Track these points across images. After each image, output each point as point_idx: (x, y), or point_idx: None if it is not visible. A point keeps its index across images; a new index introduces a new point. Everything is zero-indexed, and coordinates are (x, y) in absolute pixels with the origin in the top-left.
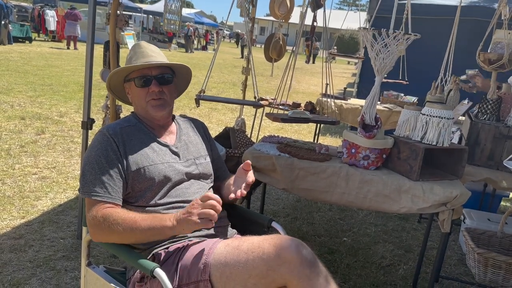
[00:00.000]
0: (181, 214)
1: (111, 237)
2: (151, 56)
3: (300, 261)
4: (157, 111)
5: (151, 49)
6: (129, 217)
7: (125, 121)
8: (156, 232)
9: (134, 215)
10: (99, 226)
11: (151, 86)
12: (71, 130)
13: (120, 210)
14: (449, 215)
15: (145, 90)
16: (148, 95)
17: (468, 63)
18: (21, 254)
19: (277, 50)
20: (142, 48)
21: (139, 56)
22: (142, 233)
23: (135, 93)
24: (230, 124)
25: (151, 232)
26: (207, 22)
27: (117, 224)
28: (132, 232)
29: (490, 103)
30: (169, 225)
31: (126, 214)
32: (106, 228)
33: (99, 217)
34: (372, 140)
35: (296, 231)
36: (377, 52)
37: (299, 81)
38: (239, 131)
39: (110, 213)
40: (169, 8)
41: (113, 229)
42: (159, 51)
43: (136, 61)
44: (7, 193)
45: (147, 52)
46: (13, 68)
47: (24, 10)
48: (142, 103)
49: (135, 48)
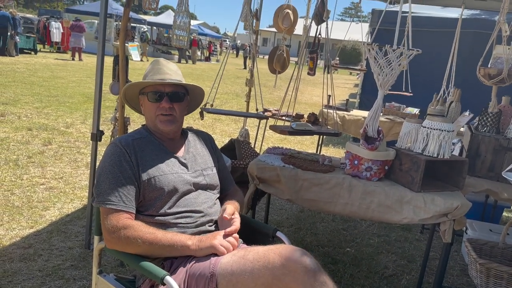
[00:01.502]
0: (204, 241)
1: (128, 247)
2: (166, 73)
3: (305, 270)
4: (165, 126)
5: (169, 67)
6: (149, 231)
7: (137, 133)
8: (174, 249)
9: (154, 231)
10: (118, 235)
11: (162, 102)
12: (77, 141)
13: (140, 223)
14: (450, 225)
15: (156, 105)
16: (159, 109)
17: (470, 75)
18: (31, 263)
19: (281, 62)
20: (160, 65)
21: (155, 72)
22: (161, 249)
23: (147, 106)
24: (234, 135)
25: (170, 248)
26: (210, 34)
27: (137, 237)
28: (151, 246)
29: (490, 115)
30: (191, 248)
31: (147, 228)
32: (124, 238)
33: (120, 226)
34: (374, 152)
35: (300, 242)
36: (381, 67)
37: (301, 91)
38: (244, 143)
39: (131, 225)
40: (178, 24)
41: (132, 240)
42: (176, 69)
43: (152, 77)
44: (16, 203)
45: (163, 70)
46: (19, 79)
47: (30, 22)
48: (152, 116)
49: (154, 64)
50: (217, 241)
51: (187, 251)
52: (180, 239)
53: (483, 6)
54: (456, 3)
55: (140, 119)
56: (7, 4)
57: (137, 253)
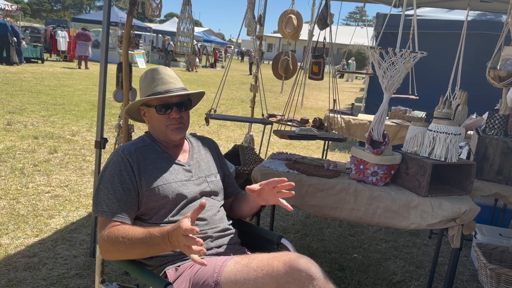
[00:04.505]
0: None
1: (117, 254)
2: (170, 82)
3: (310, 278)
4: (177, 134)
5: (170, 75)
6: (131, 232)
7: (140, 141)
8: (150, 240)
9: (134, 230)
10: (106, 244)
11: (172, 113)
12: (83, 149)
13: (121, 227)
14: (458, 230)
15: (165, 117)
16: (169, 120)
17: (476, 77)
18: (35, 272)
19: (284, 67)
20: (160, 74)
21: (159, 83)
22: (140, 242)
23: (155, 118)
24: (239, 141)
25: (147, 240)
26: (215, 40)
27: (120, 242)
28: (135, 245)
29: (498, 118)
30: (157, 234)
31: (128, 229)
32: (111, 245)
33: (105, 235)
34: (380, 157)
35: (306, 248)
36: (384, 70)
37: (306, 96)
38: (248, 148)
39: (114, 231)
40: (182, 31)
41: (117, 246)
42: (176, 76)
43: (156, 88)
44: (21, 212)
45: (166, 79)
46: (26, 88)
47: (36, 31)
48: (162, 127)
49: (153, 74)
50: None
51: (157, 240)
52: (152, 231)
53: (489, 7)
54: (462, 5)
55: (144, 126)
56: (15, 14)
57: (128, 257)
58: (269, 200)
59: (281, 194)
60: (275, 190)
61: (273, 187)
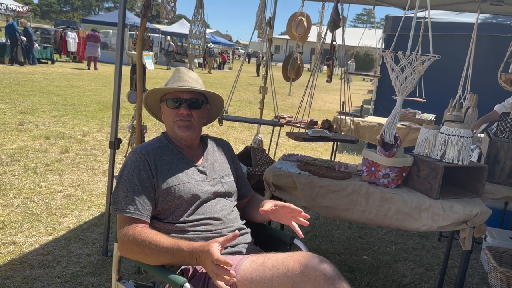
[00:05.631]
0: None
1: (139, 255)
2: (186, 81)
3: (324, 277)
4: (182, 131)
5: (189, 75)
6: (158, 239)
7: (157, 141)
8: (175, 253)
9: (162, 237)
10: (128, 244)
11: (181, 109)
12: (94, 149)
13: (149, 231)
14: (469, 233)
15: (175, 111)
16: (177, 116)
17: (485, 80)
18: (50, 270)
19: (295, 69)
20: (180, 73)
21: (176, 79)
22: (166, 253)
23: (166, 112)
24: (248, 142)
25: (173, 252)
26: (223, 42)
27: (146, 246)
28: (160, 253)
29: (509, 121)
30: (185, 250)
31: (156, 235)
32: (134, 246)
33: (129, 235)
34: (391, 159)
35: (316, 249)
36: (397, 74)
37: (314, 98)
38: (260, 150)
39: (140, 233)
40: (194, 33)
41: (142, 248)
42: (197, 77)
43: (172, 84)
44: (35, 211)
45: (183, 77)
46: (37, 88)
47: (46, 32)
48: (170, 122)
49: (174, 72)
50: (213, 248)
51: (184, 254)
52: (181, 243)
53: (499, 10)
54: (472, 8)
55: (155, 127)
56: (25, 15)
57: (148, 261)
58: (281, 220)
59: (296, 220)
60: (290, 214)
61: (288, 211)
